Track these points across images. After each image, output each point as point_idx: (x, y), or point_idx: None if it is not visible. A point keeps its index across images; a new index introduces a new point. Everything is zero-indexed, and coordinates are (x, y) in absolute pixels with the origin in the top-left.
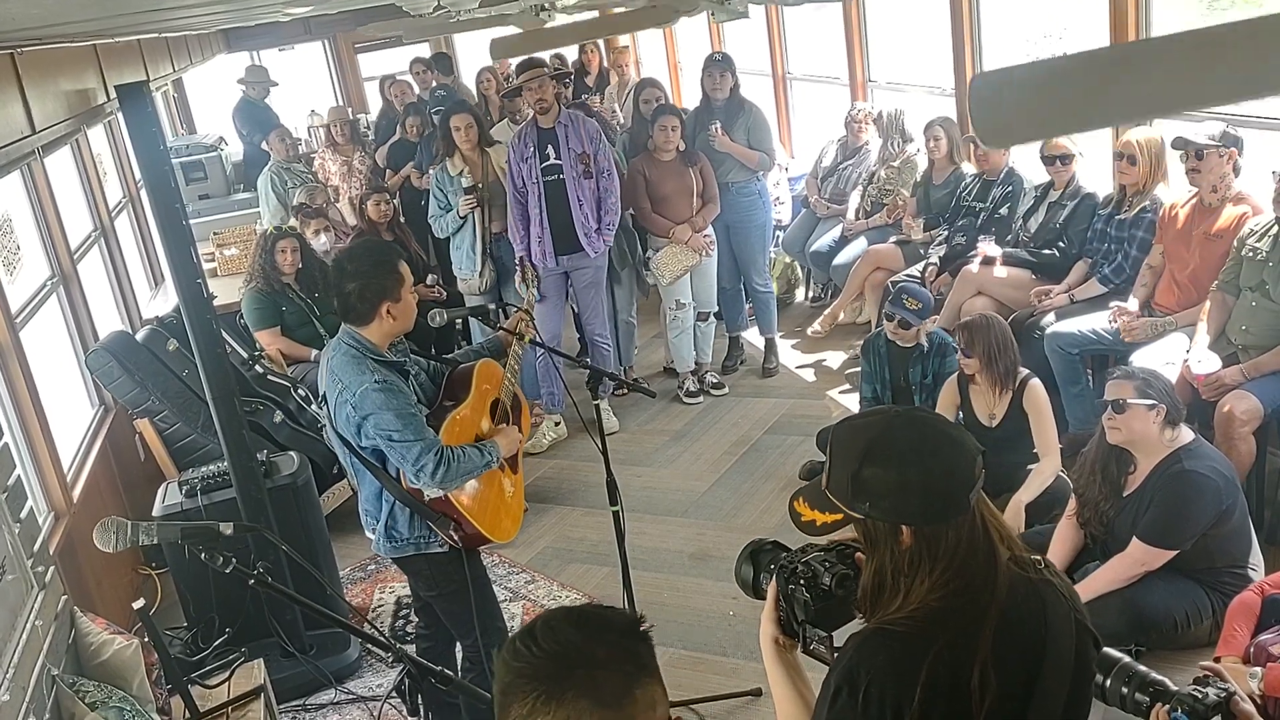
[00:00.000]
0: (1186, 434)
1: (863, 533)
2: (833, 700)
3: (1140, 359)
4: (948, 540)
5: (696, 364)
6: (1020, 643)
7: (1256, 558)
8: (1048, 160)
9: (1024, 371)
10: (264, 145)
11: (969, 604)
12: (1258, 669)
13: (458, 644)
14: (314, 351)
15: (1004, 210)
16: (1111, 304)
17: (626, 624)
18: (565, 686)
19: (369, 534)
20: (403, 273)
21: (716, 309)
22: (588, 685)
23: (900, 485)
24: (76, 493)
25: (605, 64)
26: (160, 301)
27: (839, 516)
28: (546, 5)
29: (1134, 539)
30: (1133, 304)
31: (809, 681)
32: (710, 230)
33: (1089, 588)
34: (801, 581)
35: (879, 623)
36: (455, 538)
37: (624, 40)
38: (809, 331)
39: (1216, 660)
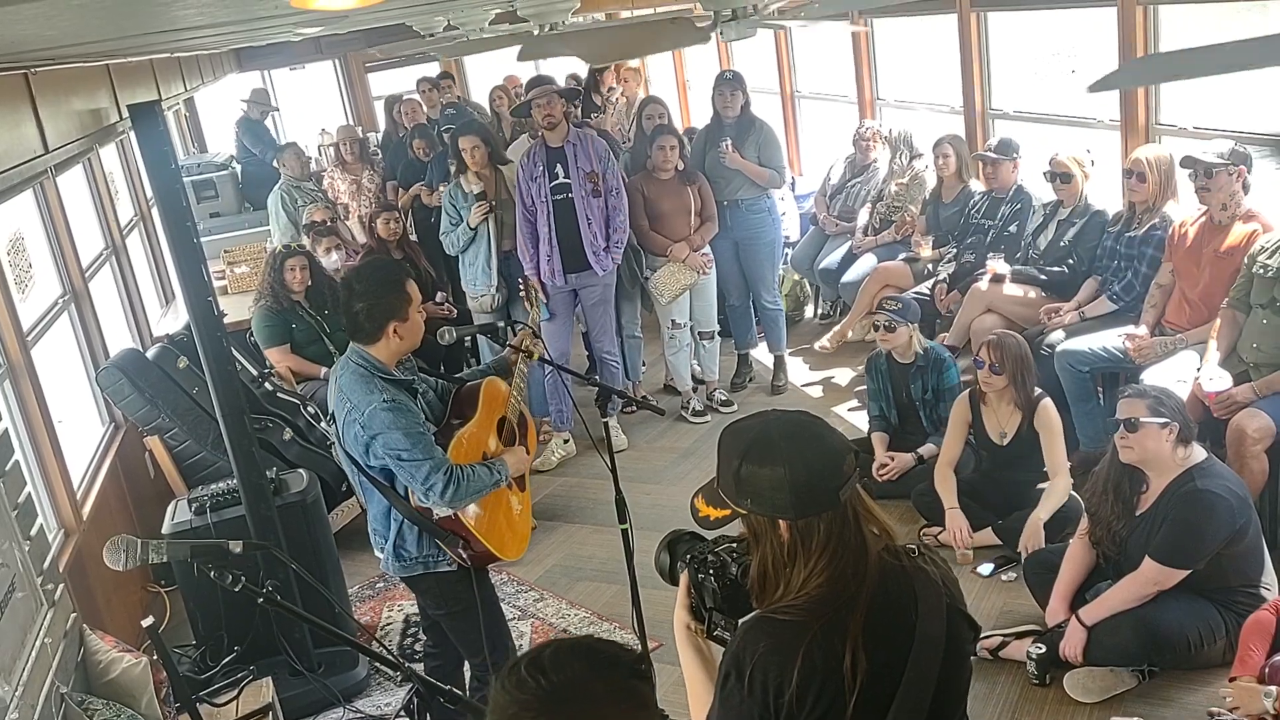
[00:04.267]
0: (1199, 452)
1: (748, 527)
2: (723, 684)
3: (1151, 377)
4: (820, 533)
5: (704, 381)
6: (891, 626)
7: (1270, 577)
8: (1050, 178)
9: (1036, 390)
10: (275, 163)
11: (841, 592)
12: (1272, 688)
13: (466, 663)
14: (323, 369)
15: (1013, 228)
16: (1121, 330)
17: (632, 661)
18: None
19: (378, 553)
20: (410, 292)
21: (718, 327)
22: None
23: (773, 482)
24: (86, 510)
25: (615, 82)
26: (171, 319)
27: (729, 512)
28: (556, 25)
29: (1147, 558)
30: (1143, 328)
31: (716, 665)
32: (708, 249)
33: (1102, 607)
34: (711, 571)
35: (764, 611)
36: (464, 556)
37: (633, 60)
38: (817, 347)
39: (1231, 680)
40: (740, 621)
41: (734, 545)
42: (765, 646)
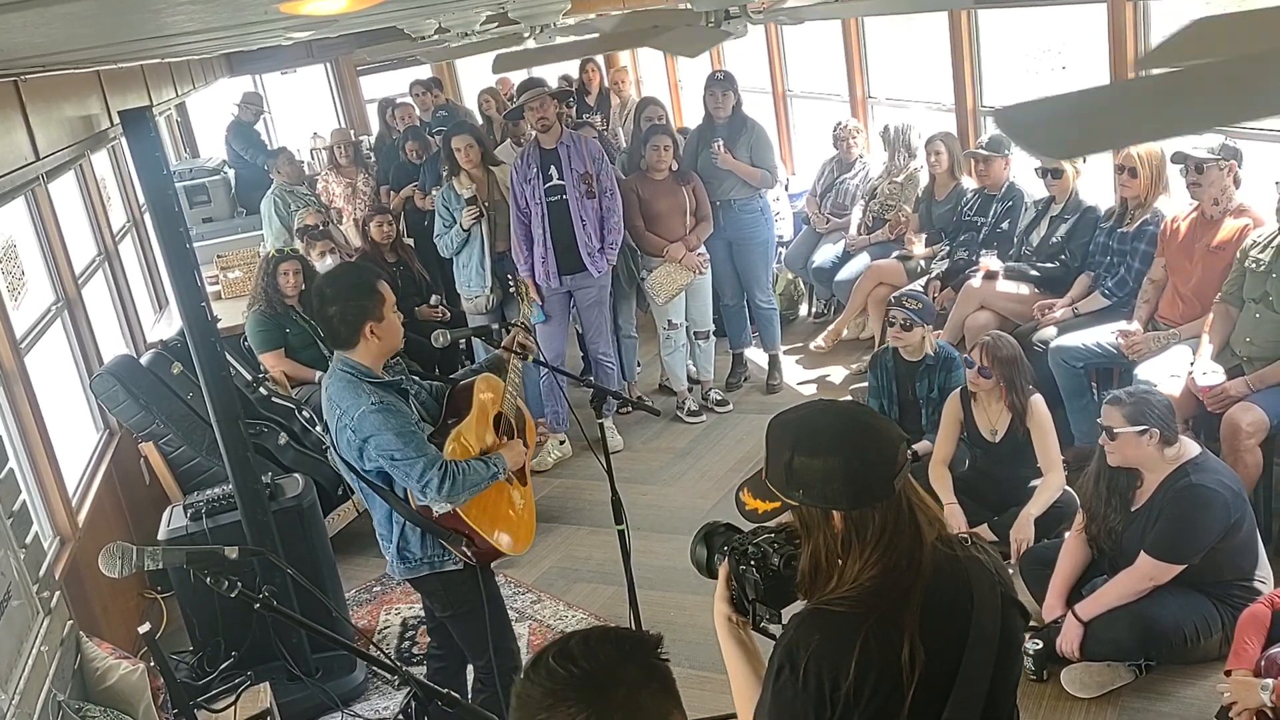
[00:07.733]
0: (1192, 447)
1: (799, 519)
2: (776, 677)
3: (1145, 372)
4: (875, 523)
5: (699, 381)
6: (946, 617)
7: (1265, 570)
8: (1042, 174)
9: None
10: (267, 168)
11: (897, 583)
12: (1269, 681)
13: (469, 666)
14: (318, 373)
15: (1005, 225)
16: (1114, 326)
17: (654, 645)
18: (610, 707)
19: (386, 556)
20: (382, 292)
21: (713, 327)
22: (631, 707)
23: (826, 473)
24: (82, 517)
25: (605, 84)
26: (164, 325)
27: (778, 504)
28: (546, 27)
29: (1142, 553)
30: (1136, 324)
31: (760, 657)
32: (704, 249)
33: (1098, 603)
34: (752, 562)
35: (817, 603)
36: (469, 554)
37: (623, 60)
38: (812, 346)
39: (1227, 674)
40: (792, 614)
41: (774, 535)
42: (820, 639)
